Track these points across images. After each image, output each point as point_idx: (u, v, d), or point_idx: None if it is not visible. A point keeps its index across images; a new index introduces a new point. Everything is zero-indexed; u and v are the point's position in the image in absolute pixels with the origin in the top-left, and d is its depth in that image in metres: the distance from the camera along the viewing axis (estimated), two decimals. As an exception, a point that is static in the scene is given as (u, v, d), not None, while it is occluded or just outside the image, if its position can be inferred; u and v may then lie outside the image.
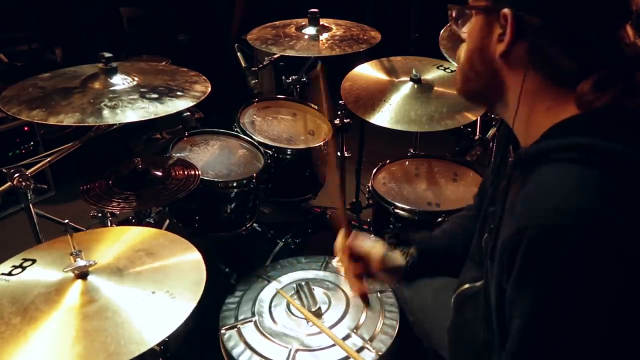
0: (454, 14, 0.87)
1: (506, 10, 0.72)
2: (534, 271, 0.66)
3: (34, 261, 1.16)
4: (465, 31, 0.85)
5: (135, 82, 1.50)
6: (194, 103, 1.46)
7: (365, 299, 1.22)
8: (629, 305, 0.63)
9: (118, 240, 1.24)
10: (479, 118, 1.99)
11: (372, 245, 1.14)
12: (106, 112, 1.33)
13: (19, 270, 1.14)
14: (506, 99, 0.81)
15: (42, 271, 1.14)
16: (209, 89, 1.55)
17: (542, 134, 0.74)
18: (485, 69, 0.81)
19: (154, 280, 1.10)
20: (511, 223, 0.70)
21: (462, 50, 0.85)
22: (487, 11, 0.77)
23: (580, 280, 0.63)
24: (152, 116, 1.35)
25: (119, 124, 1.40)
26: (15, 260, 1.17)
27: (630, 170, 0.66)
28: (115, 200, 1.57)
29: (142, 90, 1.45)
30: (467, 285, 1.00)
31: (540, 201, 0.67)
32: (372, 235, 1.18)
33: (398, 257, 1.14)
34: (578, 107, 0.72)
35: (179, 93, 1.48)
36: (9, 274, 1.13)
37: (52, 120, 1.29)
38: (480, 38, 0.79)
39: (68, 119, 1.29)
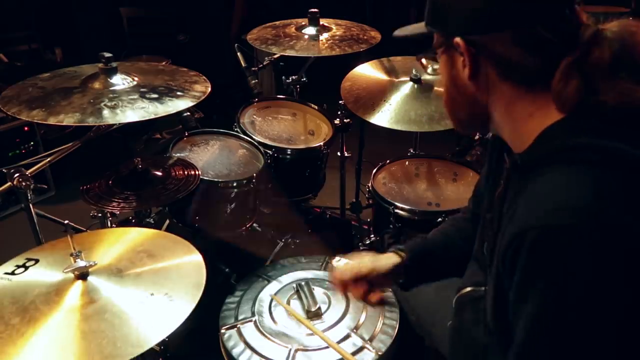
0: (424, 62, 0.92)
1: (457, 39, 0.78)
2: (540, 271, 0.66)
3: (37, 261, 1.16)
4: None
5: (135, 82, 1.50)
6: (194, 103, 1.46)
7: (383, 303, 1.25)
8: (636, 301, 0.63)
9: (120, 241, 1.24)
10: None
11: (356, 264, 1.18)
12: (106, 112, 1.33)
13: (22, 269, 1.13)
14: (493, 117, 0.84)
15: (43, 271, 1.13)
16: (209, 89, 1.55)
17: (533, 139, 0.75)
18: (463, 98, 0.85)
19: (153, 282, 1.10)
20: (511, 227, 0.70)
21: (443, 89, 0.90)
22: (444, 46, 0.83)
23: (588, 278, 0.63)
24: (152, 116, 1.35)
25: (119, 124, 1.40)
26: (19, 260, 1.17)
27: (626, 165, 0.66)
28: (115, 200, 1.56)
29: (142, 90, 1.45)
30: (469, 289, 1.00)
31: (541, 202, 0.68)
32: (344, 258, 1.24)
33: (391, 258, 1.17)
34: (559, 107, 0.73)
35: (179, 93, 1.48)
36: (12, 273, 1.12)
37: (52, 120, 1.29)
38: (449, 71, 0.85)
39: (68, 119, 1.29)
